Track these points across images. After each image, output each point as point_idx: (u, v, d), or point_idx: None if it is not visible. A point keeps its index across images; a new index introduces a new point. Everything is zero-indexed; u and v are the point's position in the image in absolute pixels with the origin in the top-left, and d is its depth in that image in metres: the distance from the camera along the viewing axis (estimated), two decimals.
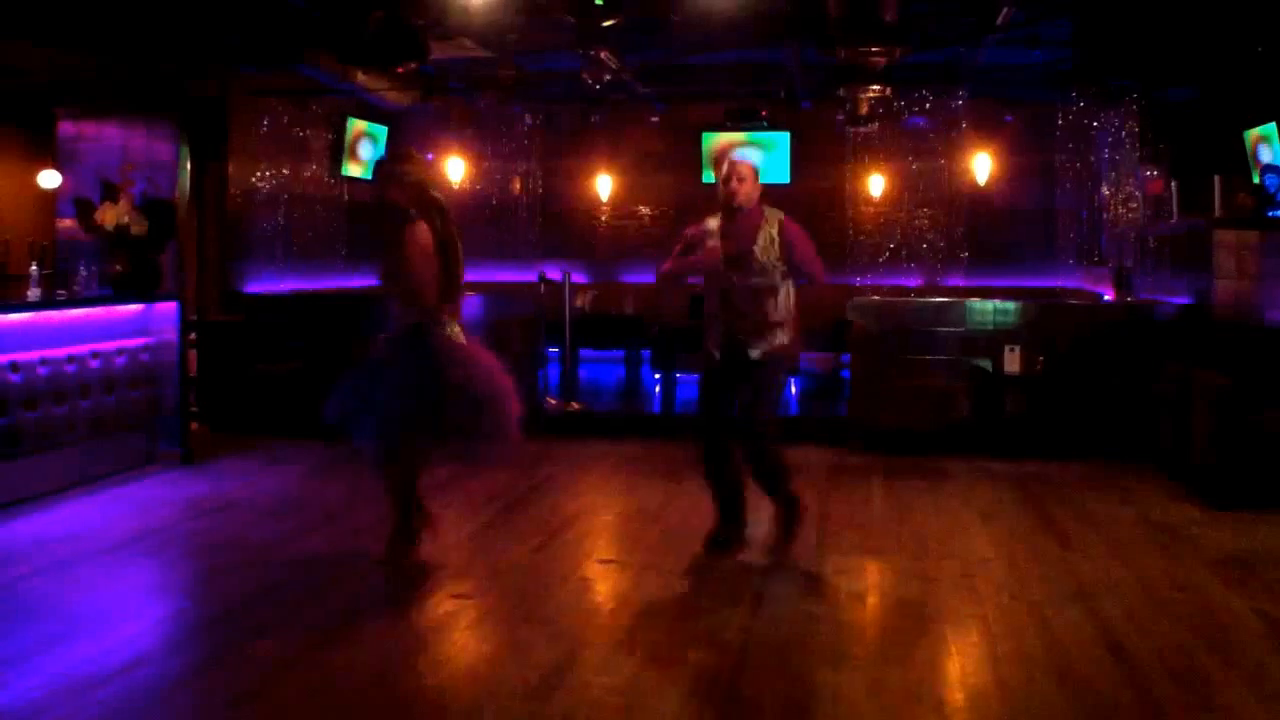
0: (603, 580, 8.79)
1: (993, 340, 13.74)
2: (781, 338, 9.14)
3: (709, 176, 20.01)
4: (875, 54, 14.71)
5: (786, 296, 9.18)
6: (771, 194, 19.54)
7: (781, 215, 9.25)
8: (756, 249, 9.03)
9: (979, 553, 9.46)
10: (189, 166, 14.01)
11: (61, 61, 12.56)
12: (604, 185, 21.10)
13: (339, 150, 18.29)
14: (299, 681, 6.64)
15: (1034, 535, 10.03)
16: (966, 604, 8.12)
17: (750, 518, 9.49)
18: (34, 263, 11.71)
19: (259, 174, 16.75)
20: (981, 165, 19.21)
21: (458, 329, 8.87)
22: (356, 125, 18.54)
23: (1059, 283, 19.06)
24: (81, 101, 13.92)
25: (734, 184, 9.16)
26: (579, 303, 17.17)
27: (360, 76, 16.25)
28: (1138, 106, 16.28)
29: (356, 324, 12.60)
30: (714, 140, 20.45)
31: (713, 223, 9.27)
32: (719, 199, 9.26)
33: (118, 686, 6.51)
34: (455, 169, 21.07)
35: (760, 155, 19.83)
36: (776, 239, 9.08)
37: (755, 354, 9.07)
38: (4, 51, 12.28)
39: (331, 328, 14.27)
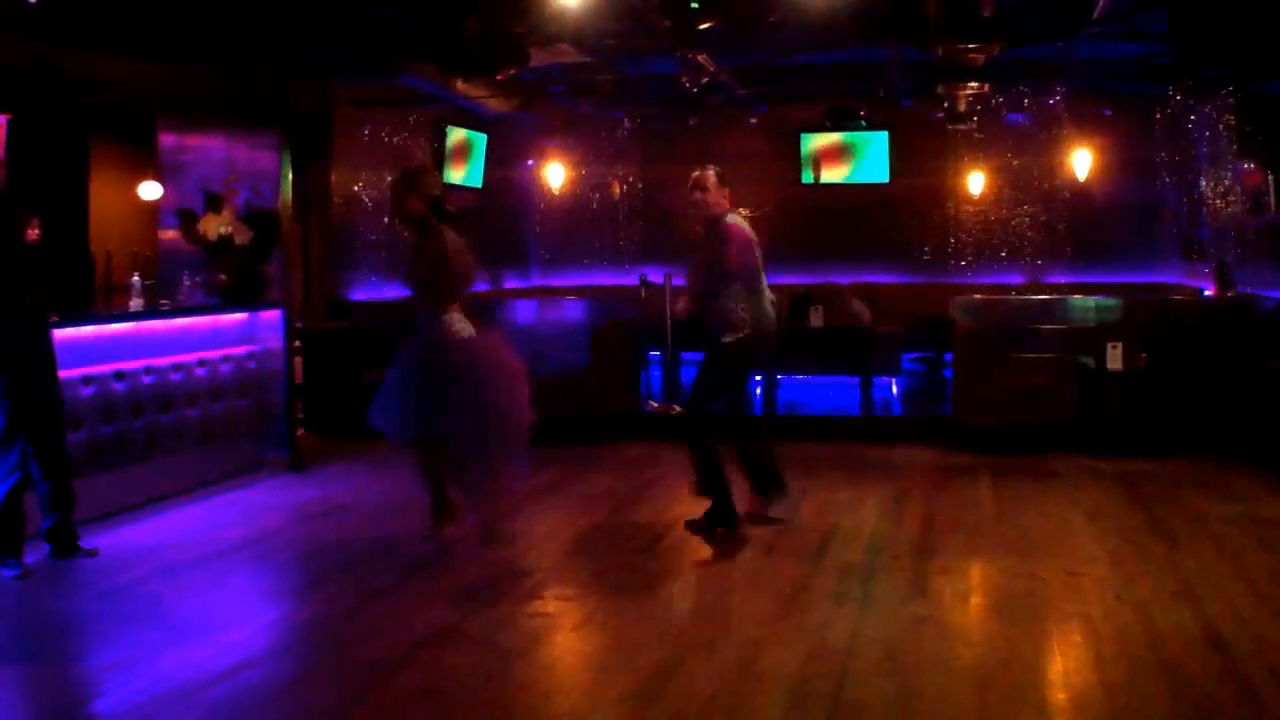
0: (708, 582, 8.82)
1: (1095, 337, 13.66)
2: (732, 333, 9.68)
3: (808, 177, 19.99)
4: (973, 51, 14.63)
5: (734, 297, 9.70)
6: (871, 193, 19.66)
7: (730, 221, 9.87)
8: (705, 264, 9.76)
9: (1085, 552, 9.41)
10: (291, 176, 14.12)
11: (164, 75, 12.70)
12: None
13: (440, 158, 18.36)
14: (406, 684, 6.70)
15: (1139, 534, 9.96)
16: (1071, 604, 8.09)
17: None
18: (136, 273, 11.84)
19: (361, 182, 16.88)
20: (1081, 161, 19.08)
21: (469, 325, 9.51)
22: (457, 133, 18.61)
23: (1160, 278, 18.90)
24: (183, 114, 14.05)
25: (696, 195, 9.81)
26: (680, 305, 17.21)
27: (460, 84, 16.32)
28: (1234, 99, 16.12)
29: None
30: (813, 140, 20.42)
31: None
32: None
33: (225, 689, 6.61)
34: (555, 174, 21.15)
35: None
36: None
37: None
38: (107, 66, 12.43)
39: None
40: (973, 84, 16.27)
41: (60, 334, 9.49)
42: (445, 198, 9.69)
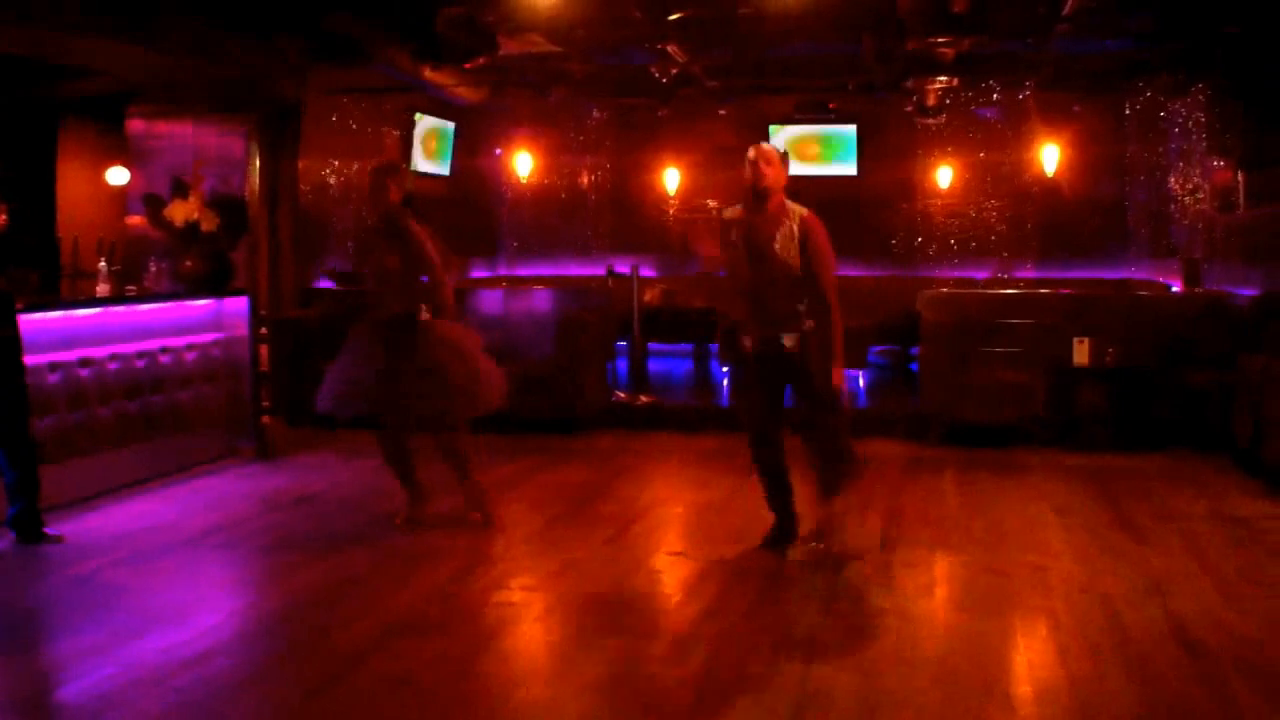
0: (673, 572, 8.82)
1: (1063, 332, 13.67)
2: (809, 323, 9.01)
3: None
4: (944, 44, 14.69)
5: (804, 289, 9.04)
6: (839, 186, 19.68)
7: (805, 212, 9.12)
8: (776, 245, 8.93)
9: (1051, 547, 9.43)
10: (260, 163, 14.07)
11: (133, 60, 12.64)
12: (672, 179, 21.09)
13: (408, 146, 18.34)
14: (374, 673, 6.71)
15: (1107, 529, 9.99)
16: (1038, 598, 8.12)
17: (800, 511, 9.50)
18: (102, 259, 11.81)
19: (330, 170, 16.85)
20: (1050, 156, 19.14)
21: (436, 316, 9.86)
22: (425, 121, 18.59)
23: (1129, 274, 18.96)
24: (154, 100, 13.99)
25: (761, 166, 9.10)
26: (648, 296, 17.19)
27: (430, 73, 16.29)
28: (1205, 97, 16.19)
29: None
30: (780, 133, 20.41)
31: (730, 213, 9.29)
32: (746, 184, 9.19)
33: (194, 675, 6.60)
34: (524, 164, 21.14)
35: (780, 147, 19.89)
36: (796, 235, 8.97)
37: (789, 343, 9.00)
38: (78, 50, 12.37)
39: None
40: (943, 78, 16.33)
41: (26, 320, 9.45)
42: (410, 195, 10.04)
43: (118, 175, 15.68)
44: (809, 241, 8.95)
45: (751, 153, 9.15)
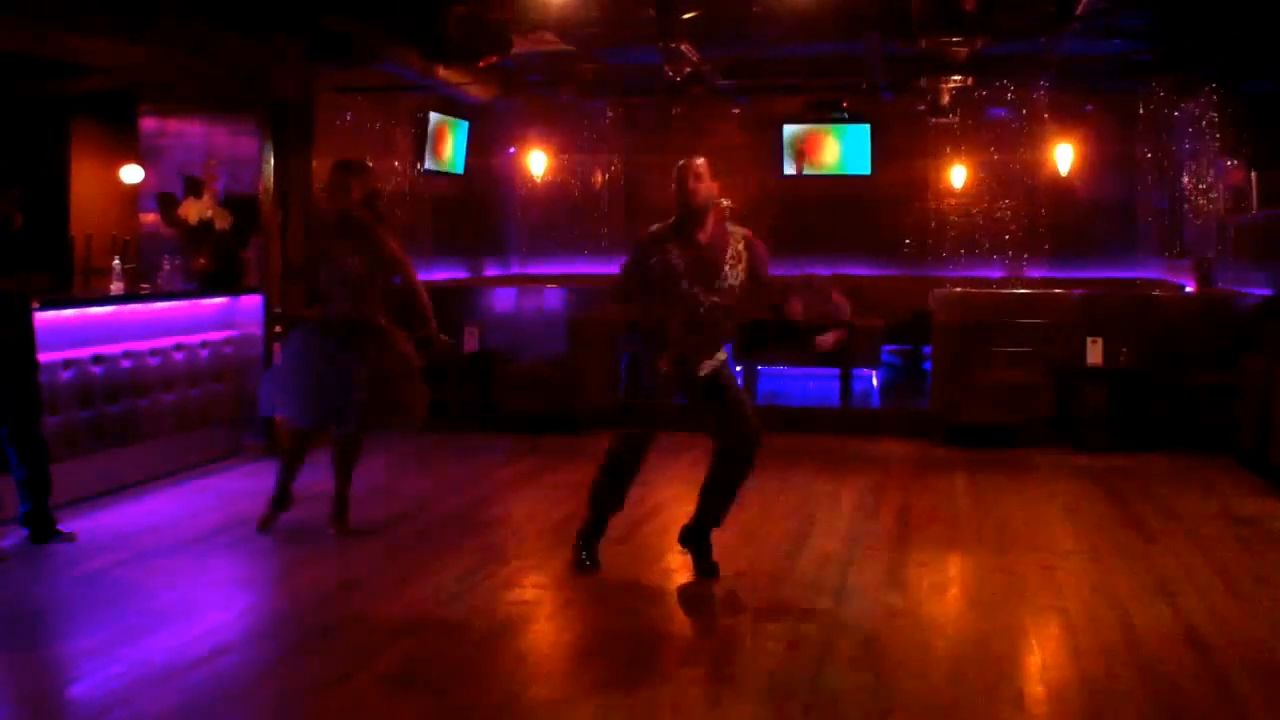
0: (685, 572, 8.79)
1: (1074, 332, 13.66)
2: (722, 355, 8.71)
3: (789, 168, 19.98)
4: (956, 44, 14.65)
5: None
6: (852, 186, 19.64)
7: (747, 232, 8.66)
8: (725, 268, 8.46)
9: (1061, 546, 9.44)
10: (272, 162, 14.08)
11: (146, 59, 12.65)
12: None
13: (422, 145, 18.32)
14: (384, 670, 6.71)
15: (1116, 529, 9.99)
16: (1048, 597, 8.12)
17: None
18: (116, 257, 11.82)
19: None
20: (1063, 156, 19.08)
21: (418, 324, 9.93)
22: (439, 120, 18.57)
23: (1141, 274, 18.91)
24: (165, 98, 13.99)
25: (691, 182, 8.55)
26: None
27: (442, 72, 16.28)
28: (1217, 97, 16.15)
29: (439, 316, 12.63)
30: (795, 132, 20.40)
31: (658, 228, 8.71)
32: (677, 201, 8.61)
33: (201, 675, 6.59)
34: (537, 163, 21.10)
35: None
36: (743, 256, 8.52)
37: (704, 372, 8.67)
38: (88, 49, 12.38)
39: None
40: (955, 78, 16.30)
41: (40, 317, 9.46)
42: (372, 196, 9.96)
43: (132, 173, 15.69)
44: (756, 261, 8.58)
45: (680, 166, 8.63)
